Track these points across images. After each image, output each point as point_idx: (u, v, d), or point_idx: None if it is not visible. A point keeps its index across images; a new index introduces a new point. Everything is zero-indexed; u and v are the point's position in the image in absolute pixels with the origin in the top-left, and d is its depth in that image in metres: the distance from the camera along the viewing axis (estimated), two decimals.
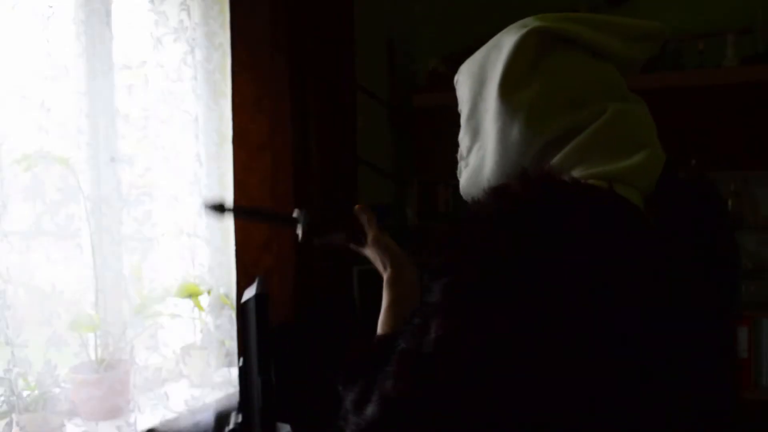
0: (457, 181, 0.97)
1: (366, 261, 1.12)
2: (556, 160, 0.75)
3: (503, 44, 0.81)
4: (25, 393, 1.32)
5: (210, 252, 1.79)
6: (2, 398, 1.28)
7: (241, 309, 1.50)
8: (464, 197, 0.89)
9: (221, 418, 1.67)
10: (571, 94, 0.77)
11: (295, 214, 1.10)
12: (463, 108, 0.88)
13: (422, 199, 2.91)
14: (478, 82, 0.84)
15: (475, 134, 0.86)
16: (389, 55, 2.82)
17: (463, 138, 0.89)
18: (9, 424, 1.28)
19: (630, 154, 0.74)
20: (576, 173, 0.72)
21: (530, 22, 0.81)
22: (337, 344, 1.10)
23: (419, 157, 2.87)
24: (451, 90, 0.90)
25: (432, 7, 2.91)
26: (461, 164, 0.91)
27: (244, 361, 1.46)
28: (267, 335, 1.40)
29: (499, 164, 0.80)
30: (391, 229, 1.10)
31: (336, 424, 0.83)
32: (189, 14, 1.68)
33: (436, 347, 0.63)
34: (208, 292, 1.76)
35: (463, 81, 0.88)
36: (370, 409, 0.67)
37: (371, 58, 2.59)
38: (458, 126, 0.89)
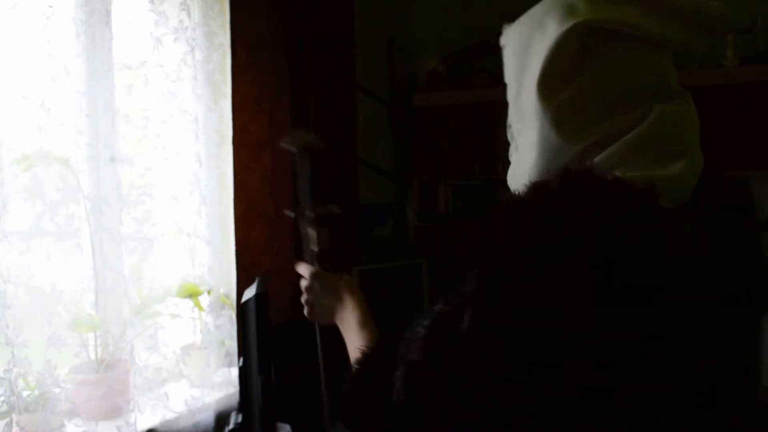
0: (457, 181, 0.96)
1: (366, 261, 1.15)
2: (597, 159, 0.72)
3: (546, 28, 0.76)
4: (25, 393, 1.32)
5: (210, 252, 1.79)
6: (2, 398, 1.28)
7: (241, 309, 1.50)
8: (510, 187, 0.84)
9: (221, 418, 1.67)
10: (614, 97, 0.74)
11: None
12: (510, 84, 0.83)
13: (422, 199, 2.91)
14: (521, 64, 0.80)
15: (522, 118, 0.81)
16: (389, 55, 2.82)
17: (513, 118, 0.83)
18: (9, 424, 1.28)
19: (670, 160, 0.72)
20: (617, 173, 0.70)
21: (577, 9, 0.75)
22: (338, 344, 1.11)
23: (419, 157, 2.88)
24: (451, 90, 0.88)
25: (432, 7, 2.91)
26: (512, 147, 0.87)
27: (244, 361, 1.46)
28: (267, 335, 1.40)
29: (539, 162, 0.76)
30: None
31: (336, 424, 0.83)
32: (189, 14, 1.68)
33: (470, 337, 0.63)
34: (208, 292, 1.76)
35: (508, 53, 0.83)
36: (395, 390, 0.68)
37: (371, 58, 2.59)
38: (457, 126, 0.87)
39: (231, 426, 1.54)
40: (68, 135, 1.43)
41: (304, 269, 1.14)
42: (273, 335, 1.46)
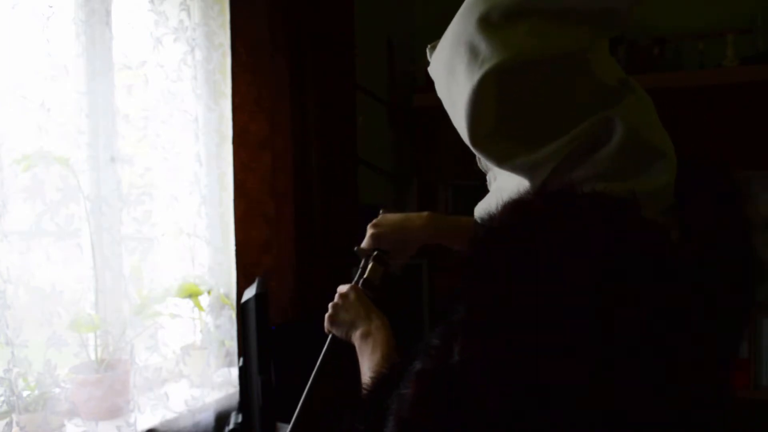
0: (457, 181, 0.96)
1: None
2: (574, 175, 0.70)
3: (458, 78, 0.73)
4: (25, 393, 1.32)
5: (210, 252, 1.79)
6: (2, 398, 1.28)
7: (241, 309, 1.50)
8: (480, 215, 0.80)
9: (221, 418, 1.67)
10: (558, 117, 0.71)
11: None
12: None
13: (422, 199, 2.91)
14: (449, 109, 0.78)
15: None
16: (389, 55, 2.82)
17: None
18: (9, 424, 1.28)
19: (650, 162, 0.71)
20: (597, 188, 0.67)
21: (479, 51, 0.71)
22: (338, 344, 1.11)
23: (419, 157, 2.88)
24: None
25: (432, 7, 2.91)
26: (489, 175, 0.84)
27: (244, 361, 1.46)
28: (267, 335, 1.40)
29: (513, 191, 0.71)
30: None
31: (336, 424, 0.83)
32: (189, 14, 1.68)
33: (462, 370, 0.62)
34: (208, 292, 1.76)
35: (438, 89, 0.81)
36: None
37: (371, 58, 2.59)
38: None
39: (231, 426, 1.54)
40: (68, 135, 1.43)
41: (345, 286, 1.12)
42: (273, 335, 1.46)
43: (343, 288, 1.12)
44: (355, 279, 1.15)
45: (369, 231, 1.16)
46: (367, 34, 2.47)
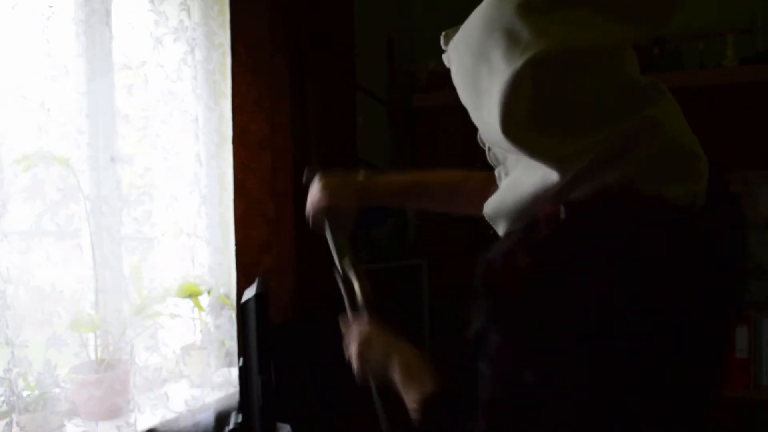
0: None
1: (366, 261, 1.13)
2: (609, 175, 0.69)
3: (492, 63, 0.71)
4: (25, 393, 1.32)
5: (210, 252, 1.79)
6: (2, 398, 1.28)
7: (241, 309, 1.50)
8: (490, 213, 0.78)
9: (221, 418, 1.67)
10: (594, 111, 0.69)
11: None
12: (471, 114, 0.78)
13: None
14: (473, 101, 0.76)
15: (500, 147, 0.76)
16: (389, 55, 2.82)
17: (491, 143, 0.79)
18: (9, 424, 1.28)
19: (691, 164, 0.72)
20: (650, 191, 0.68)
21: (520, 36, 0.69)
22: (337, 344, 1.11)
23: (419, 157, 2.87)
24: (451, 90, 0.82)
25: (432, 7, 2.91)
26: (498, 170, 0.81)
27: (244, 361, 1.46)
28: (267, 335, 1.40)
29: (537, 185, 0.71)
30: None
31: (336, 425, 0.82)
32: (189, 14, 1.68)
33: (538, 390, 0.64)
34: (208, 292, 1.76)
35: (456, 79, 0.79)
36: None
37: (371, 58, 2.59)
38: (457, 126, 0.84)
39: (231, 426, 1.54)
40: (68, 135, 1.43)
41: (351, 323, 1.04)
42: (273, 335, 1.46)
43: (357, 326, 1.02)
44: (348, 305, 1.06)
45: (315, 190, 1.13)
46: (367, 34, 2.47)
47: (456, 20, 0.83)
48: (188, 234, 1.73)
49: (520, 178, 0.74)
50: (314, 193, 1.15)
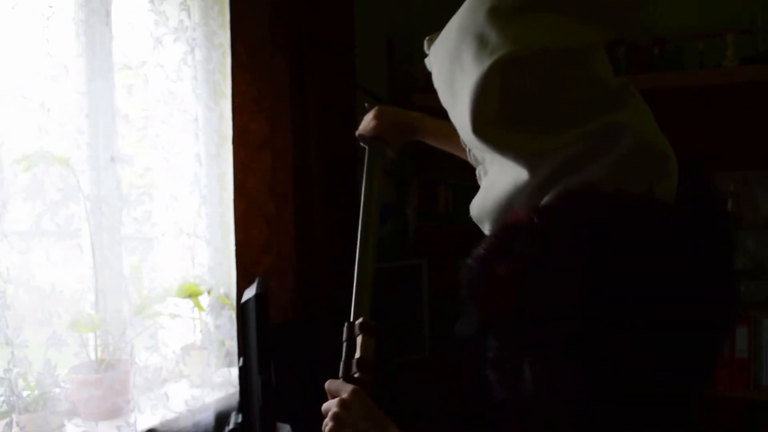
0: (457, 181, 0.96)
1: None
2: (579, 178, 0.70)
3: (464, 65, 0.73)
4: (25, 393, 1.32)
5: (210, 252, 1.79)
6: (2, 398, 1.28)
7: (241, 309, 1.50)
8: (475, 214, 0.80)
9: (221, 418, 1.67)
10: (562, 112, 0.71)
11: None
12: (449, 113, 0.81)
13: (422, 199, 2.91)
14: (449, 100, 0.78)
15: (476, 146, 0.78)
16: (389, 55, 2.82)
17: (470, 144, 0.80)
18: (9, 424, 1.28)
19: (661, 166, 0.72)
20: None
21: (489, 40, 0.72)
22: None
23: (419, 157, 2.87)
24: None
25: (432, 7, 2.91)
26: (478, 170, 0.83)
27: (244, 361, 1.46)
28: (267, 335, 1.40)
29: (509, 186, 0.74)
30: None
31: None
32: (189, 14, 1.68)
33: (536, 387, 0.64)
34: (208, 292, 1.76)
35: (435, 79, 0.81)
36: None
37: (371, 58, 2.59)
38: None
39: (231, 426, 1.54)
40: (68, 135, 1.43)
41: (338, 384, 0.94)
42: (273, 335, 1.46)
43: (338, 390, 0.92)
44: (343, 360, 0.99)
45: (370, 117, 1.22)
46: (367, 34, 2.47)
47: None
48: (188, 234, 1.73)
49: (495, 178, 0.77)
50: (369, 119, 1.24)
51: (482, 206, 0.79)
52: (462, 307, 0.74)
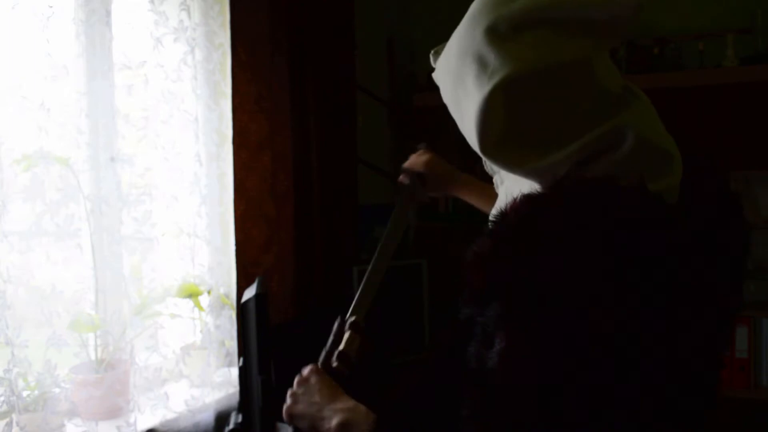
0: None
1: (366, 261, 1.13)
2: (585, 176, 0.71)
3: (467, 87, 0.75)
4: (25, 393, 1.32)
5: (210, 252, 1.79)
6: (2, 398, 1.28)
7: (241, 309, 1.50)
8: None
9: (221, 418, 1.67)
10: (566, 125, 0.72)
11: None
12: (460, 128, 0.82)
13: None
14: (457, 117, 0.80)
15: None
16: (389, 55, 2.82)
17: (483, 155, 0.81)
18: (9, 424, 1.28)
19: (663, 164, 0.73)
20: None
21: (488, 62, 0.72)
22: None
23: None
24: None
25: (432, 7, 2.91)
26: (495, 179, 0.87)
27: (244, 361, 1.46)
28: (267, 335, 1.40)
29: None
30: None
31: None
32: (189, 14, 1.68)
33: (501, 358, 0.65)
34: (208, 292, 1.76)
35: (444, 96, 0.83)
36: None
37: (371, 58, 2.59)
38: (457, 126, 0.85)
39: (231, 426, 1.54)
40: (68, 135, 1.43)
41: (308, 368, 1.00)
42: (273, 335, 1.46)
43: (305, 370, 0.99)
44: (326, 350, 1.03)
45: (424, 157, 1.31)
46: (367, 34, 2.47)
47: (455, 20, 0.83)
48: (188, 234, 1.73)
49: (511, 186, 0.79)
50: (421, 157, 1.32)
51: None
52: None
